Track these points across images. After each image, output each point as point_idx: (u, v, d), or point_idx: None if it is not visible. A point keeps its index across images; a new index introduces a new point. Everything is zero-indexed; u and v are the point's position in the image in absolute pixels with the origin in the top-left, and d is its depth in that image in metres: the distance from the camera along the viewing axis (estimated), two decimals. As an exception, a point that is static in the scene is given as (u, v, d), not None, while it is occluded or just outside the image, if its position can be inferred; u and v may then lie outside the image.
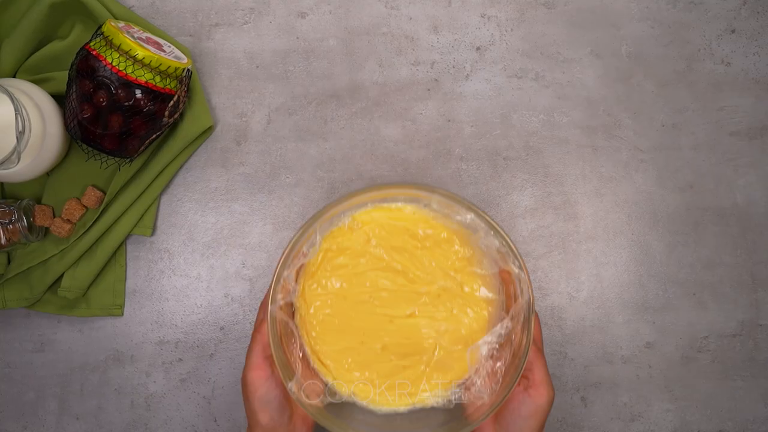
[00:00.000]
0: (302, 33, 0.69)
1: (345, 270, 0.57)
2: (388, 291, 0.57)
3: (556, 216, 0.68)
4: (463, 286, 0.57)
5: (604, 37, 0.70)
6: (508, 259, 0.54)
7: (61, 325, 0.66)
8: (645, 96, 0.69)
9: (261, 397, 0.48)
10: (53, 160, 0.62)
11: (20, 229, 0.63)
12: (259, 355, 0.50)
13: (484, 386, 0.54)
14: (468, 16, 0.69)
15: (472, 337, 0.57)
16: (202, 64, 0.68)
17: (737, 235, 0.68)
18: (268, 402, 0.49)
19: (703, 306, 0.68)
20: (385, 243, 0.58)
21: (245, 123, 0.68)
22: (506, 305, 0.56)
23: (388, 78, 0.69)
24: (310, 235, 0.55)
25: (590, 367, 0.67)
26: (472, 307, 0.57)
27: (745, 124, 0.69)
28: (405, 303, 0.57)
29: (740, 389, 0.67)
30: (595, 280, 0.68)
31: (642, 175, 0.69)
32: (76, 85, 0.58)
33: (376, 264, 0.57)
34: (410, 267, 0.57)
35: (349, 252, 0.58)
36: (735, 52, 0.70)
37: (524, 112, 0.69)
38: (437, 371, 0.57)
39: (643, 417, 0.67)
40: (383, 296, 0.57)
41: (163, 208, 0.67)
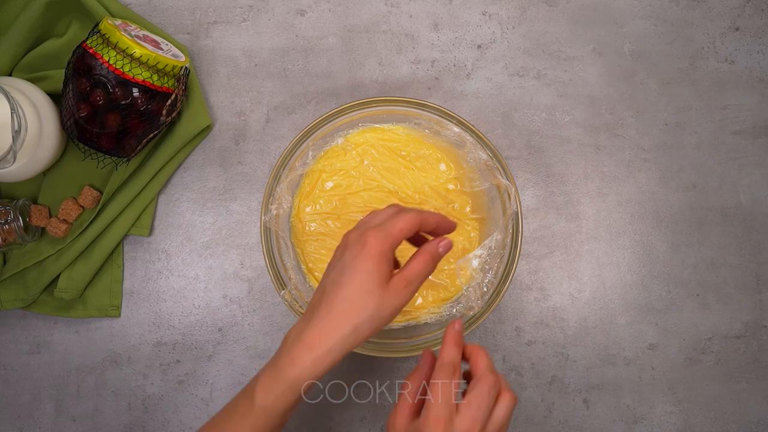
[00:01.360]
0: (301, 31, 0.68)
1: (338, 190, 0.61)
2: None
3: (558, 216, 0.67)
4: (453, 204, 0.61)
5: (607, 34, 0.69)
6: (496, 172, 0.58)
7: (58, 327, 0.66)
8: (648, 94, 0.69)
9: None
10: (49, 160, 0.61)
11: (16, 229, 0.62)
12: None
13: (475, 297, 0.57)
14: (469, 13, 0.69)
15: (464, 254, 0.60)
16: (200, 62, 0.67)
17: (741, 235, 0.68)
18: None
19: (706, 307, 0.67)
20: (378, 163, 0.61)
21: (244, 122, 0.67)
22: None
23: (388, 76, 0.68)
24: (303, 153, 0.59)
25: (592, 369, 0.66)
26: (462, 226, 0.61)
27: (750, 122, 0.69)
28: None
29: (744, 391, 0.66)
30: (598, 281, 0.67)
31: (645, 174, 0.68)
32: (72, 83, 0.57)
33: (369, 184, 0.61)
34: (402, 187, 0.61)
35: (342, 173, 0.61)
36: (739, 50, 0.69)
37: (526, 110, 0.68)
38: (431, 289, 0.60)
39: (646, 419, 0.66)
40: None
41: (161, 208, 0.67)
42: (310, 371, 0.42)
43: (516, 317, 0.66)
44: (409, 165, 0.62)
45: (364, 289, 0.43)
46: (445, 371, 0.43)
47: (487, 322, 0.66)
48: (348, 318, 0.42)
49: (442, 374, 0.43)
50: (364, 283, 0.43)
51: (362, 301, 0.42)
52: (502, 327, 0.66)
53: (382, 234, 0.44)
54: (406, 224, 0.45)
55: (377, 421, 0.65)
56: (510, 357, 0.66)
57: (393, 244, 0.44)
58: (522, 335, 0.66)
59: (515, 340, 0.66)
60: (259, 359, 0.65)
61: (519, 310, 0.66)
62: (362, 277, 0.43)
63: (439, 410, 0.41)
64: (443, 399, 0.42)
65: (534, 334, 0.66)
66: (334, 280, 0.44)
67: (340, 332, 0.42)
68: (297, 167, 0.59)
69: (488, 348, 0.66)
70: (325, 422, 0.65)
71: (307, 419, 0.65)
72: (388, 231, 0.44)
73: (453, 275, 0.61)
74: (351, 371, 0.65)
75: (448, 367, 0.44)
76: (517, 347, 0.66)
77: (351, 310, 0.42)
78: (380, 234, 0.44)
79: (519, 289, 0.66)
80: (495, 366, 0.65)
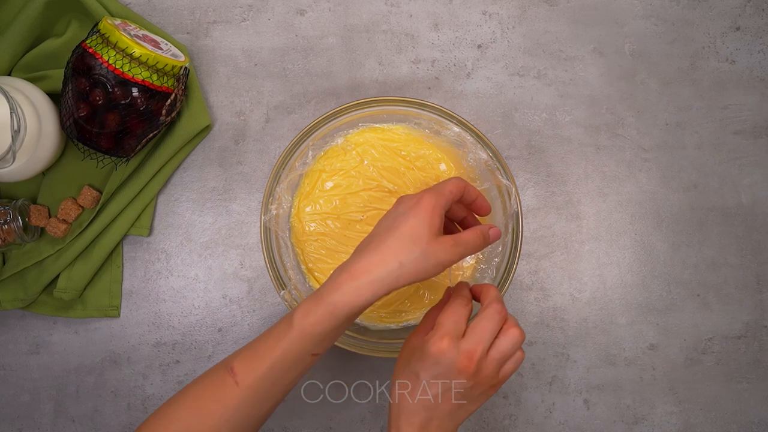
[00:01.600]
0: (301, 30, 0.68)
1: (338, 190, 0.61)
2: (380, 211, 0.60)
3: (558, 216, 0.67)
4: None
5: (607, 34, 0.69)
6: (496, 172, 0.58)
7: (57, 327, 0.66)
8: (649, 94, 0.68)
9: None
10: (49, 160, 0.61)
11: (15, 230, 0.62)
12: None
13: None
14: (469, 13, 0.69)
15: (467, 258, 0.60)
16: (200, 62, 0.67)
17: (742, 236, 0.68)
18: None
19: (707, 307, 0.67)
20: (378, 163, 0.61)
21: (243, 122, 0.67)
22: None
23: (388, 76, 0.68)
24: (303, 153, 0.59)
25: (593, 369, 0.66)
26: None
27: (750, 122, 0.69)
28: None
29: (745, 391, 0.66)
30: (598, 281, 0.67)
31: (646, 174, 0.68)
32: (72, 83, 0.57)
33: (369, 184, 0.61)
34: (402, 187, 0.61)
35: (342, 173, 0.61)
36: (740, 50, 0.69)
37: (526, 110, 0.68)
38: (430, 289, 0.62)
39: (647, 419, 0.66)
40: (376, 216, 0.60)
41: (160, 208, 0.67)
42: (351, 298, 0.43)
43: (516, 317, 0.66)
44: (409, 165, 0.61)
45: (415, 232, 0.45)
46: (458, 299, 0.48)
47: (488, 322, 0.66)
48: (395, 254, 0.44)
49: (456, 301, 0.47)
50: (416, 227, 0.45)
51: (411, 242, 0.44)
52: (502, 327, 0.66)
53: (435, 191, 0.47)
54: (455, 186, 0.48)
55: (377, 421, 0.65)
56: (510, 357, 0.66)
57: (445, 203, 0.47)
58: (522, 335, 0.66)
59: (515, 340, 0.66)
60: (258, 359, 0.65)
61: (519, 311, 0.66)
62: (414, 223, 0.45)
63: (447, 327, 0.45)
64: (452, 319, 0.46)
65: (534, 334, 0.66)
66: (387, 225, 0.46)
67: (385, 266, 0.44)
68: (297, 167, 0.59)
69: (488, 348, 0.66)
70: (325, 422, 0.65)
71: (307, 419, 0.65)
72: (440, 190, 0.47)
73: (453, 276, 0.61)
74: (351, 371, 0.65)
75: (461, 298, 0.48)
76: (517, 347, 0.66)
77: (399, 248, 0.44)
78: (433, 191, 0.47)
79: (519, 289, 0.66)
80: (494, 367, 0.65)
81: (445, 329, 0.45)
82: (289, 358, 0.44)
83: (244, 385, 0.45)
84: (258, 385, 0.45)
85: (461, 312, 0.46)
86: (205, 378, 0.47)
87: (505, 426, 0.65)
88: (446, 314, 0.46)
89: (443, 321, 0.46)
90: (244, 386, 0.45)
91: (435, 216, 0.46)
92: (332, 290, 0.44)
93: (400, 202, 0.48)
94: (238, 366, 0.45)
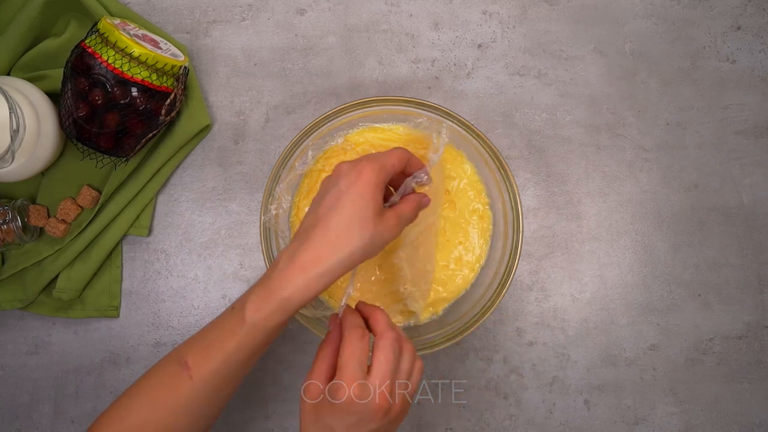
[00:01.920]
0: (301, 30, 0.68)
1: None
2: None
3: (558, 216, 0.67)
4: (454, 203, 0.61)
5: (608, 34, 0.69)
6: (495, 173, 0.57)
7: (56, 327, 0.65)
8: (649, 94, 0.68)
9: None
10: (48, 159, 0.61)
11: (14, 230, 0.62)
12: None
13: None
14: (469, 12, 0.68)
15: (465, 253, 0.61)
16: (200, 61, 0.67)
17: (743, 236, 0.67)
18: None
19: (708, 307, 0.67)
20: None
21: (243, 121, 0.67)
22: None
23: (388, 76, 0.68)
24: (302, 153, 0.59)
25: (593, 370, 0.66)
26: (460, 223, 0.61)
27: (751, 122, 0.68)
28: None
29: (746, 392, 0.66)
30: (599, 281, 0.67)
31: (646, 174, 0.68)
32: (71, 83, 0.57)
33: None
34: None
35: None
36: (740, 50, 0.69)
37: (526, 110, 0.68)
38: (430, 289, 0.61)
39: (648, 420, 0.66)
40: None
41: (160, 208, 0.66)
42: (302, 293, 0.42)
43: (517, 318, 0.66)
44: None
45: (361, 216, 0.43)
46: (353, 333, 0.44)
47: (488, 322, 0.66)
48: (344, 243, 0.43)
49: (352, 335, 0.44)
50: (362, 210, 0.43)
51: (359, 227, 0.43)
52: (502, 328, 0.66)
53: (378, 164, 0.45)
54: (398, 159, 0.47)
55: (377, 422, 0.65)
56: (511, 358, 0.66)
57: (386, 177, 0.45)
58: (523, 336, 0.66)
59: (516, 340, 0.66)
60: (258, 360, 0.65)
61: (520, 311, 0.66)
62: (360, 204, 0.43)
63: (352, 371, 0.42)
64: (355, 359, 0.43)
65: (535, 334, 0.66)
66: (329, 205, 0.44)
67: (335, 256, 0.42)
68: (296, 167, 0.59)
69: (489, 348, 0.66)
70: (325, 423, 0.65)
71: (306, 420, 0.65)
72: (382, 163, 0.45)
73: (453, 275, 0.61)
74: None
75: (356, 330, 0.45)
76: (517, 348, 0.66)
77: (348, 236, 0.43)
78: (376, 164, 0.45)
79: (520, 289, 0.66)
80: (496, 367, 0.65)
81: (350, 374, 0.42)
82: (242, 351, 0.44)
83: (198, 378, 0.44)
84: (212, 378, 0.45)
85: (361, 348, 0.44)
86: (159, 370, 0.47)
87: (506, 427, 0.65)
88: (347, 355, 0.43)
89: (346, 364, 0.43)
90: (198, 379, 0.44)
91: (378, 193, 0.44)
92: (282, 284, 0.42)
93: (339, 174, 0.45)
94: (192, 359, 0.45)
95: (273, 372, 0.65)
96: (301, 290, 0.42)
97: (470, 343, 0.65)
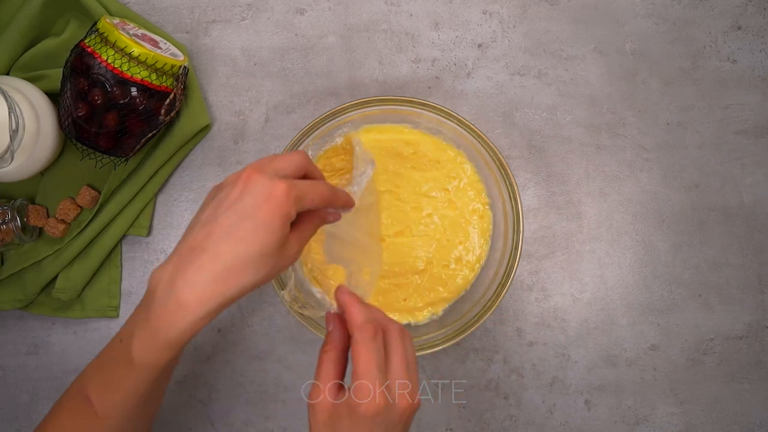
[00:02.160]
0: (301, 30, 0.68)
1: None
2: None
3: (559, 216, 0.67)
4: (454, 203, 0.61)
5: (608, 33, 0.69)
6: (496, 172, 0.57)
7: (56, 327, 0.65)
8: (650, 94, 0.68)
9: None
10: (47, 159, 0.61)
11: (14, 230, 0.62)
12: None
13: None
14: (469, 12, 0.68)
15: (465, 253, 0.61)
16: (199, 61, 0.67)
17: (744, 236, 0.67)
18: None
19: (708, 308, 0.67)
20: (377, 163, 0.60)
21: (243, 121, 0.67)
22: None
23: (388, 75, 0.67)
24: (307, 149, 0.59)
25: (594, 370, 0.66)
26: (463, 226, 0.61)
27: (752, 122, 0.68)
28: (394, 222, 0.61)
29: (746, 392, 0.66)
30: (599, 281, 0.67)
31: (647, 174, 0.68)
32: (70, 82, 0.57)
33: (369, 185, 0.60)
34: (402, 187, 0.61)
35: (341, 173, 0.61)
36: (741, 49, 0.69)
37: (527, 110, 0.68)
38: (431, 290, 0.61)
39: (648, 420, 0.66)
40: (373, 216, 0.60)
41: (159, 208, 0.66)
42: (188, 334, 0.38)
43: (517, 318, 0.66)
44: (409, 165, 0.61)
45: (263, 252, 0.37)
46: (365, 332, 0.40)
47: (488, 323, 0.66)
48: (236, 280, 0.37)
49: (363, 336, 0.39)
50: (265, 245, 0.37)
51: (257, 263, 0.37)
52: (502, 328, 0.66)
53: (295, 192, 0.38)
54: (318, 196, 0.41)
55: (377, 422, 0.65)
56: (511, 358, 0.65)
57: (302, 209, 0.40)
58: (523, 336, 0.66)
59: (516, 341, 0.66)
60: (258, 360, 0.65)
61: (520, 311, 0.66)
62: (263, 238, 0.37)
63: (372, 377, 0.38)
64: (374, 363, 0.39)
65: (535, 334, 0.66)
66: (227, 225, 0.37)
67: (223, 295, 0.37)
68: None
69: (489, 349, 0.65)
70: (325, 423, 0.65)
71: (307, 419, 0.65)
72: (302, 191, 0.39)
73: (453, 275, 0.61)
74: (351, 371, 0.64)
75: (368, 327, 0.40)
76: (518, 348, 0.66)
77: (242, 272, 0.37)
78: (293, 192, 0.38)
79: (520, 289, 0.66)
80: (497, 367, 0.65)
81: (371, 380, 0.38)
82: (141, 387, 0.41)
83: (104, 416, 0.41)
84: (118, 413, 0.42)
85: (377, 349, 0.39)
86: (66, 405, 0.44)
87: (506, 427, 0.65)
88: (363, 360, 0.39)
89: (366, 371, 0.38)
90: (104, 417, 0.41)
91: (287, 225, 0.38)
92: (165, 326, 0.37)
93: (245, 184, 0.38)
94: (94, 395, 0.42)
95: (273, 372, 0.65)
96: (186, 333, 0.37)
97: (470, 343, 0.65)
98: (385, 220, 0.61)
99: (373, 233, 0.58)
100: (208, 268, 0.37)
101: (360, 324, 0.40)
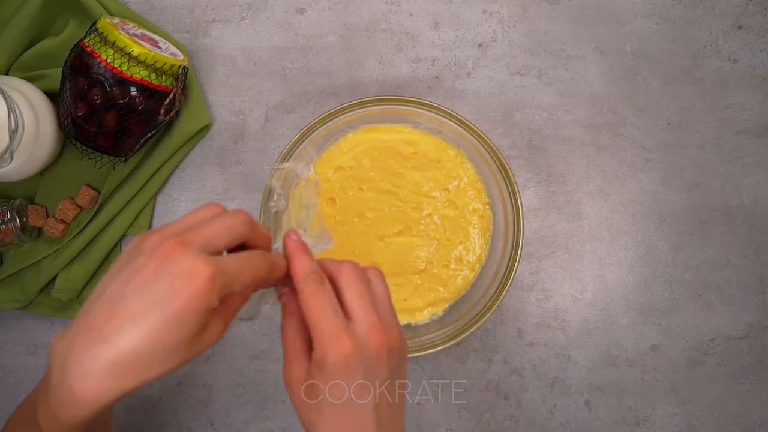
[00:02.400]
0: (301, 29, 0.68)
1: (337, 191, 0.61)
2: (379, 212, 0.61)
3: (559, 216, 0.67)
4: (454, 203, 0.61)
5: (609, 33, 0.68)
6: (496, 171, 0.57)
7: (55, 327, 0.65)
8: (650, 94, 0.68)
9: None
10: (47, 159, 0.61)
11: (13, 230, 0.61)
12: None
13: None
14: (470, 12, 0.68)
15: (466, 253, 0.61)
16: (199, 61, 0.67)
17: (744, 236, 0.67)
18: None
19: (709, 308, 0.66)
20: (378, 163, 0.61)
21: (242, 121, 0.67)
22: None
23: (388, 75, 0.67)
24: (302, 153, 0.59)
25: (594, 370, 0.66)
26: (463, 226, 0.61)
27: (753, 122, 0.68)
28: (394, 222, 0.61)
29: (747, 393, 0.66)
30: (600, 282, 0.66)
31: (647, 174, 0.67)
32: (70, 82, 0.57)
33: (369, 185, 0.61)
34: (402, 187, 0.61)
35: (341, 172, 0.61)
36: (742, 49, 0.69)
37: (527, 110, 0.67)
38: (431, 290, 0.61)
39: (649, 421, 0.65)
40: (376, 218, 0.60)
41: (159, 208, 0.66)
42: (89, 418, 0.33)
43: (517, 318, 0.66)
44: (409, 165, 0.61)
45: (171, 346, 0.32)
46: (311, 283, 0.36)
47: (488, 323, 0.66)
48: (138, 374, 0.32)
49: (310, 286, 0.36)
50: (178, 336, 0.32)
51: (164, 357, 0.32)
52: (503, 328, 0.66)
53: (221, 280, 0.32)
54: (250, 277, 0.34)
55: (377, 422, 0.65)
56: (511, 358, 0.65)
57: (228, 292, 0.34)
58: (523, 336, 0.66)
59: (516, 341, 0.66)
60: (258, 360, 0.65)
61: (520, 311, 0.66)
62: (174, 332, 0.31)
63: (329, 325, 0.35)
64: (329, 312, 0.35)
65: (535, 335, 0.66)
66: (133, 311, 0.31)
67: (121, 389, 0.32)
68: (298, 170, 0.59)
69: (489, 349, 0.65)
70: (325, 424, 0.64)
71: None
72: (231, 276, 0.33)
73: (454, 275, 0.61)
74: (351, 372, 0.64)
75: (315, 277, 0.36)
76: (518, 348, 0.65)
77: (145, 367, 0.32)
78: (218, 279, 0.32)
79: (520, 290, 0.66)
80: (497, 367, 0.65)
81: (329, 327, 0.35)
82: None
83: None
84: None
85: (326, 293, 0.36)
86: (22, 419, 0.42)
87: (506, 427, 0.65)
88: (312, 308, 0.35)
89: (317, 318, 0.35)
90: None
91: (207, 315, 0.33)
92: (62, 411, 0.33)
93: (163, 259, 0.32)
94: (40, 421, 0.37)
95: (273, 372, 0.65)
96: (87, 419, 0.33)
97: (470, 343, 0.65)
98: (385, 220, 0.61)
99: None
100: (106, 358, 0.31)
101: (303, 276, 0.37)
